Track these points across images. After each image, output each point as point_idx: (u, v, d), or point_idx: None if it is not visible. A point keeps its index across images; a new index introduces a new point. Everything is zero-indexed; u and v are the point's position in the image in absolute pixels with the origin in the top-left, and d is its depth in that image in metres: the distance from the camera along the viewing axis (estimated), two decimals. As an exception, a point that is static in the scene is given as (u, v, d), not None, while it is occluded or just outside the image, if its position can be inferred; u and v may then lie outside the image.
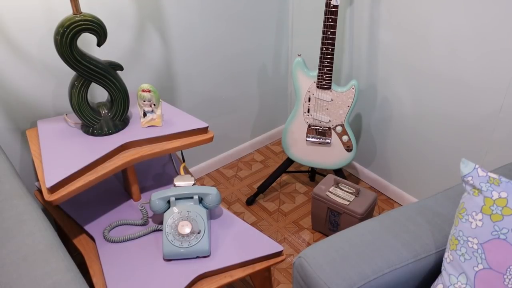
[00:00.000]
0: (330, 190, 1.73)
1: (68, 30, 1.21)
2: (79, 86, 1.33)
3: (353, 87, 1.67)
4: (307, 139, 1.83)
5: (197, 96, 1.98)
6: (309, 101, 1.77)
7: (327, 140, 1.81)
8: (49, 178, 1.20)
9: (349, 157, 1.82)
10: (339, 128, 1.77)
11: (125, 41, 1.65)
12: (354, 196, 1.69)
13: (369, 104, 1.92)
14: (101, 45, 1.30)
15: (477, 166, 0.95)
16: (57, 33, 1.22)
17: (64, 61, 1.26)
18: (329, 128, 1.79)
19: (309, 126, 1.81)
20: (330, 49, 1.63)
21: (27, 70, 1.48)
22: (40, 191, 1.57)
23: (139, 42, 1.69)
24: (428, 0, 1.53)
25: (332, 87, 1.71)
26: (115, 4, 1.56)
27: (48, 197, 1.18)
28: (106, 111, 1.41)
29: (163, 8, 1.69)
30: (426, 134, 1.75)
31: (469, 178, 0.95)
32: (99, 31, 1.26)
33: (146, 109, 1.40)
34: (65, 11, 1.46)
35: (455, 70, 1.55)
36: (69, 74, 1.56)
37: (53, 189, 1.19)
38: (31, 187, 1.66)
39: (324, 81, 1.69)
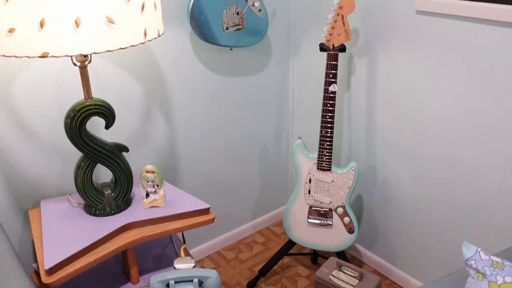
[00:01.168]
0: (333, 273, 1.69)
1: (78, 114, 1.27)
2: (85, 167, 1.36)
3: (353, 168, 1.71)
4: (309, 220, 1.83)
5: (199, 176, 2.01)
6: (310, 182, 1.79)
7: (328, 222, 1.81)
8: (48, 259, 1.19)
9: (351, 239, 1.80)
10: (340, 210, 1.78)
11: (131, 124, 1.71)
12: (357, 280, 1.65)
13: (369, 185, 1.94)
14: (109, 128, 1.35)
15: (479, 249, 0.95)
16: (67, 116, 1.27)
17: (72, 143, 1.30)
18: (330, 210, 1.79)
19: (310, 207, 1.82)
20: (329, 132, 1.68)
21: (35, 150, 1.52)
22: (36, 273, 1.54)
23: (145, 125, 1.75)
24: (421, 85, 1.61)
25: (332, 168, 1.74)
26: (125, 89, 1.64)
27: (45, 279, 1.16)
28: (110, 191, 1.43)
29: (170, 94, 1.77)
30: (427, 214, 1.75)
31: (472, 262, 0.94)
32: (108, 115, 1.32)
33: (149, 189, 1.42)
34: (77, 97, 1.54)
35: (451, 151, 1.59)
36: (76, 155, 1.60)
37: (51, 271, 1.17)
38: (28, 268, 1.63)
39: (324, 163, 1.73)
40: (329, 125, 1.68)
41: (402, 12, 1.58)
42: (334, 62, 1.62)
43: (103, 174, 1.71)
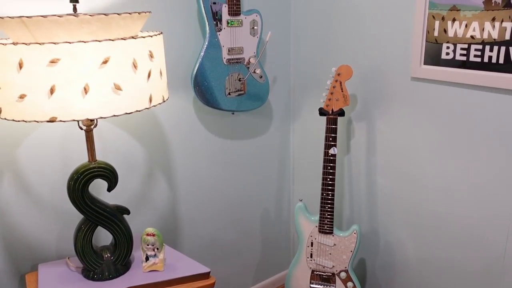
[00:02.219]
0: None
1: (82, 177, 1.28)
2: (85, 229, 1.36)
3: (355, 231, 1.69)
4: (311, 285, 1.78)
5: (200, 239, 1.98)
6: (312, 245, 1.77)
7: (331, 287, 1.76)
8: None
9: (355, 306, 1.75)
10: (343, 274, 1.74)
11: (133, 185, 1.72)
12: None
13: (372, 248, 1.91)
14: (112, 190, 1.36)
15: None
16: (71, 179, 1.29)
17: (74, 205, 1.31)
18: (333, 274, 1.75)
19: (313, 271, 1.78)
20: (330, 195, 1.69)
21: (36, 212, 1.52)
22: None
23: (147, 186, 1.76)
24: (420, 149, 1.64)
25: (334, 231, 1.72)
26: (128, 151, 1.67)
27: None
28: (109, 254, 1.41)
29: (172, 156, 1.80)
30: (433, 279, 1.71)
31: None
32: (111, 178, 1.33)
33: (149, 253, 1.40)
34: (81, 160, 1.56)
35: (453, 214, 1.58)
36: (76, 217, 1.60)
37: (45, 339, 1.13)
38: (20, 336, 1.57)
39: (326, 225, 1.72)
40: (330, 187, 1.69)
41: (398, 78, 1.65)
42: (333, 126, 1.66)
43: (102, 236, 1.69)
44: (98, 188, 1.63)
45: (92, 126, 1.29)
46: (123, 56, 1.09)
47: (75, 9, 1.20)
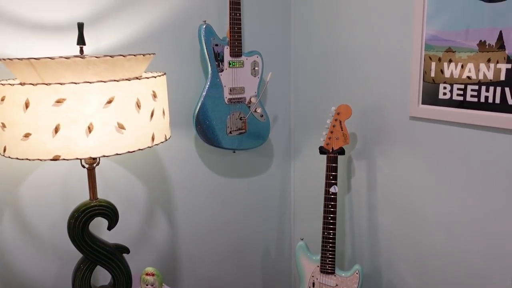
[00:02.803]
0: None
1: (82, 215, 1.28)
2: (84, 269, 1.34)
3: (357, 271, 1.67)
4: (313, 327, 1.74)
5: (199, 278, 1.95)
6: (313, 286, 1.74)
7: (334, 329, 1.72)
8: None
9: None
10: (345, 316, 1.70)
11: (133, 224, 1.72)
12: None
13: (374, 289, 1.88)
14: (112, 228, 1.36)
15: None
16: (71, 217, 1.29)
17: (74, 244, 1.30)
18: (335, 316, 1.72)
19: (314, 313, 1.75)
20: (331, 234, 1.68)
21: (35, 251, 1.51)
22: None
23: (147, 225, 1.75)
24: (421, 187, 1.64)
25: (336, 271, 1.70)
26: (129, 189, 1.68)
27: None
28: (107, 295, 1.39)
29: (173, 194, 1.80)
30: (437, 323, 1.67)
31: None
32: (112, 216, 1.33)
33: (148, 293, 1.38)
34: (82, 198, 1.57)
35: (454, 253, 1.57)
36: (75, 256, 1.58)
37: None
38: None
39: (328, 265, 1.70)
40: (331, 226, 1.68)
41: (397, 118, 1.67)
42: (333, 165, 1.68)
43: (101, 276, 1.67)
44: (98, 225, 1.62)
45: (94, 165, 1.31)
46: (127, 96, 1.12)
47: (81, 50, 1.24)
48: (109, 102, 1.09)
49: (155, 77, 1.21)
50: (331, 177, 1.67)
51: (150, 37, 1.63)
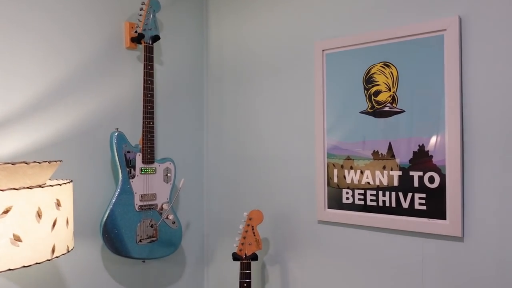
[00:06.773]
0: None
1: None
2: None
3: None
4: None
5: None
6: None
7: None
8: None
9: None
10: None
11: None
12: None
13: None
14: None
15: None
16: None
17: None
18: None
19: None
20: None
21: None
22: None
23: None
24: (331, 287, 1.66)
25: None
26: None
27: None
28: None
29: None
30: None
31: None
32: None
33: None
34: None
35: None
36: None
37: None
38: None
39: None
40: None
41: (306, 222, 1.73)
42: (247, 271, 1.65)
43: None
44: None
45: (-19, 283, 1.16)
46: (27, 205, 1.05)
47: (-21, 157, 1.17)
48: (5, 212, 1.01)
49: (60, 184, 1.16)
50: (245, 285, 1.64)
51: (60, 143, 1.59)
